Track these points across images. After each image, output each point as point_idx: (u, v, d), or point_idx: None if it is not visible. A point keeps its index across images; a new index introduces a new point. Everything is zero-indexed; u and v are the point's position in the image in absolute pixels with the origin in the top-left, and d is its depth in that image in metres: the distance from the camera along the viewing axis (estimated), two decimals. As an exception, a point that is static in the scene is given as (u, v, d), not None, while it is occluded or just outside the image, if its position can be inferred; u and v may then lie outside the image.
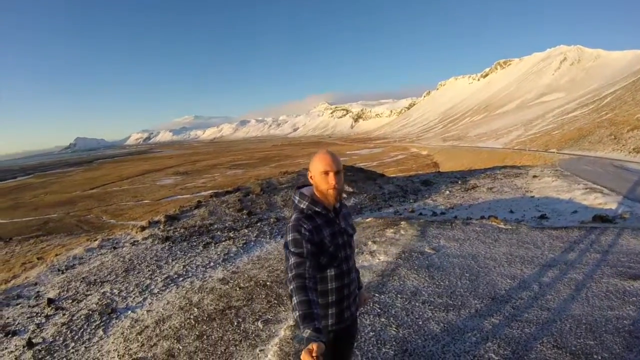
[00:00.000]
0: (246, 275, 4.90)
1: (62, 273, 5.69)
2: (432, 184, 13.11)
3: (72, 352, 3.43)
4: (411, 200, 10.89)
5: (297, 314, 1.30)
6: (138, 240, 7.46)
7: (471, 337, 2.68)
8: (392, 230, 5.99)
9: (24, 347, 3.56)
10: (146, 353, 3.24)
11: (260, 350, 3.06)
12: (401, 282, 3.94)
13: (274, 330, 3.35)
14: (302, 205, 1.59)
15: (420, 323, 3.01)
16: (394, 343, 2.78)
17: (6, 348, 3.68)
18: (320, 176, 1.56)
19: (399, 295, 3.62)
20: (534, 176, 12.68)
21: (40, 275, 5.57)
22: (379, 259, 4.77)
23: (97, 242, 7.23)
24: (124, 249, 6.97)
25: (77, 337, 3.72)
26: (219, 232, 7.74)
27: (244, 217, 9.00)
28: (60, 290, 5.00)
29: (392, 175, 16.84)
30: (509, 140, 62.47)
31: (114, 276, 5.44)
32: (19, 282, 5.34)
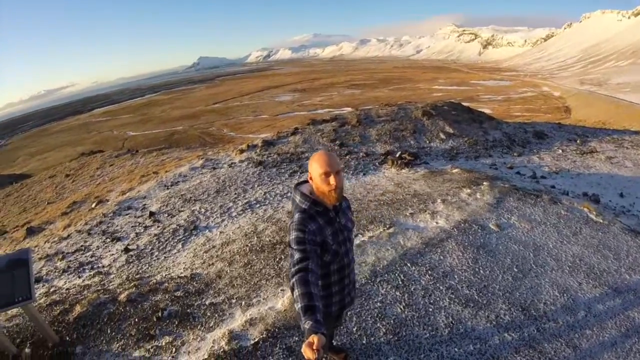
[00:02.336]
0: (312, 212, 5.28)
1: (167, 189, 6.84)
2: (545, 138, 10.91)
3: (154, 260, 4.46)
4: (515, 154, 9.41)
5: (299, 306, 1.37)
6: (235, 163, 8.17)
7: (469, 346, 2.50)
8: (468, 191, 5.47)
9: (121, 251, 4.72)
10: (203, 270, 4.02)
11: (281, 290, 3.43)
12: (441, 257, 3.76)
13: (302, 274, 3.73)
14: (304, 206, 1.64)
15: (430, 310, 2.93)
16: (391, 321, 2.81)
17: (109, 251, 4.87)
18: (320, 178, 1.59)
19: (429, 272, 3.50)
20: (669, 154, 9.27)
21: (150, 190, 6.89)
22: (435, 223, 4.54)
23: (201, 162, 8.54)
24: (221, 170, 7.78)
25: (161, 247, 4.74)
26: (307, 161, 8.04)
27: (336, 148, 8.93)
28: (161, 204, 6.13)
29: (502, 120, 14.43)
30: (656, 98, 48.51)
31: (206, 196, 6.34)
32: (133, 195, 6.80)
